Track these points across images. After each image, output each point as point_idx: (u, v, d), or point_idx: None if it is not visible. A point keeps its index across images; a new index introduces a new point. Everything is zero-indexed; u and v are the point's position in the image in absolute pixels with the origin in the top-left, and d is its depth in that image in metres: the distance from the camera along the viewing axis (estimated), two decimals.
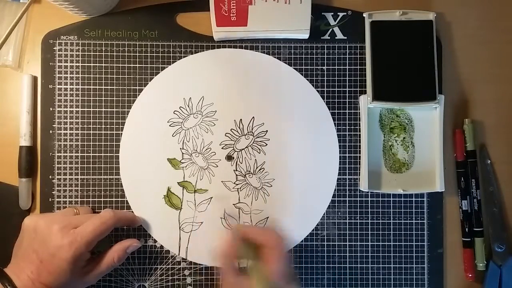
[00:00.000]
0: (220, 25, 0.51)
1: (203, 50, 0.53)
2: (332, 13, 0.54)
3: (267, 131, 0.53)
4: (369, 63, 0.51)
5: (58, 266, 0.44)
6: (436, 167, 0.52)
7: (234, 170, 0.53)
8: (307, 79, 0.53)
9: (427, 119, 0.53)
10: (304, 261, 0.52)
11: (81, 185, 0.52)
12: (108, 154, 0.52)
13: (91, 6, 0.50)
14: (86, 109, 0.52)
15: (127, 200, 0.52)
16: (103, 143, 0.52)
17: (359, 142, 0.53)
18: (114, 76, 0.53)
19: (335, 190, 0.53)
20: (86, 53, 0.52)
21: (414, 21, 0.52)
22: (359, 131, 0.53)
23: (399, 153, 0.53)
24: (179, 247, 0.52)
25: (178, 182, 0.52)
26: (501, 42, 0.54)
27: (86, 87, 0.52)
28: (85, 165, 0.52)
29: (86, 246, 0.45)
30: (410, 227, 0.53)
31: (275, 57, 0.53)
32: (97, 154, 0.52)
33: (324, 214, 0.53)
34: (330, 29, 0.54)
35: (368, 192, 0.53)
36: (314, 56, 0.53)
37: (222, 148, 0.53)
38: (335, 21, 0.54)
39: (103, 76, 0.52)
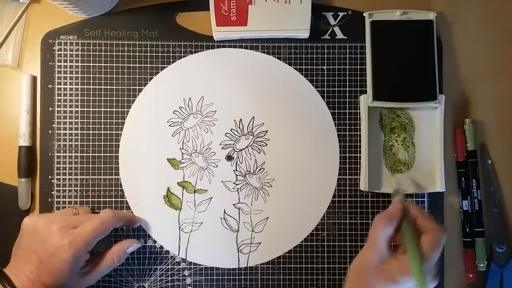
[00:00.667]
0: (220, 25, 0.51)
1: (203, 50, 0.53)
2: (332, 13, 0.53)
3: (267, 131, 0.53)
4: (369, 63, 0.51)
5: (57, 266, 0.44)
6: (437, 167, 0.52)
7: (234, 170, 0.52)
8: (307, 79, 0.53)
9: (428, 119, 0.53)
10: (304, 262, 0.52)
11: (81, 185, 0.52)
12: (108, 154, 0.52)
13: (91, 6, 0.50)
14: (86, 109, 0.52)
15: (126, 200, 0.52)
16: (102, 143, 0.52)
17: (359, 142, 0.53)
18: (114, 76, 0.52)
19: (335, 190, 0.53)
20: (85, 53, 0.52)
21: (415, 21, 0.52)
22: (359, 131, 0.53)
23: (399, 153, 0.53)
24: (179, 247, 0.52)
25: (178, 182, 0.52)
26: (502, 41, 0.54)
27: (85, 87, 0.52)
28: (85, 165, 0.52)
29: (86, 246, 0.45)
30: None
31: (275, 57, 0.53)
32: (96, 154, 0.52)
33: (324, 214, 0.53)
34: (330, 29, 0.53)
35: (368, 192, 0.52)
36: (314, 56, 0.53)
37: (222, 148, 0.53)
38: (335, 21, 0.54)
39: (103, 76, 0.52)
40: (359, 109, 0.53)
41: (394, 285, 0.42)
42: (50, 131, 0.52)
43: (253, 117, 0.53)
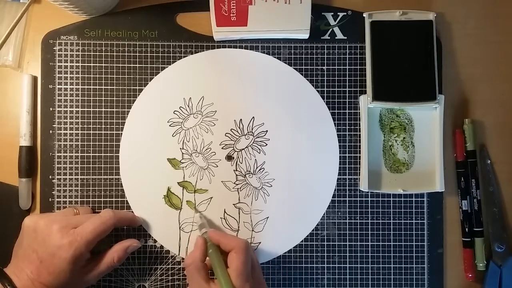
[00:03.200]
0: (220, 25, 0.51)
1: (203, 50, 0.53)
2: (332, 13, 0.54)
3: (267, 131, 0.53)
4: (369, 63, 0.51)
5: (58, 266, 0.44)
6: (436, 167, 0.52)
7: (234, 170, 0.53)
8: (307, 79, 0.53)
9: (427, 119, 0.53)
10: (304, 261, 0.52)
11: (81, 185, 0.52)
12: (108, 154, 0.52)
13: (91, 6, 0.50)
14: (86, 109, 0.52)
15: (127, 200, 0.52)
16: (103, 143, 0.52)
17: (359, 142, 0.53)
18: (114, 76, 0.53)
19: (335, 190, 0.53)
20: (86, 53, 0.52)
21: (414, 21, 0.52)
22: (359, 131, 0.53)
23: (399, 153, 0.53)
24: (179, 247, 0.52)
25: (178, 182, 0.52)
26: (501, 42, 0.54)
27: (86, 87, 0.52)
28: (85, 165, 0.52)
29: (86, 246, 0.45)
30: (410, 227, 0.53)
31: (275, 57, 0.53)
32: (97, 154, 0.52)
33: (324, 214, 0.53)
34: (330, 29, 0.54)
35: (368, 192, 0.53)
36: (314, 56, 0.53)
37: (222, 148, 0.53)
38: (335, 21, 0.54)
39: (103, 76, 0.52)
40: (359, 109, 0.53)
41: None
42: (50, 131, 0.52)
43: (253, 117, 0.53)
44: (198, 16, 0.53)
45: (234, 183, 0.53)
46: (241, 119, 0.53)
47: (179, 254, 0.52)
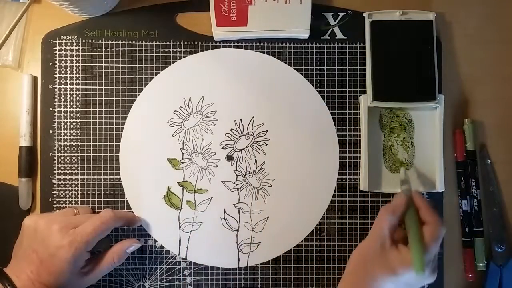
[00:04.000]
0: (220, 25, 0.51)
1: (203, 50, 0.53)
2: (332, 13, 0.54)
3: (267, 131, 0.53)
4: (369, 63, 0.51)
5: (58, 266, 0.44)
6: (436, 167, 0.52)
7: (234, 170, 0.53)
8: (307, 79, 0.53)
9: (427, 119, 0.53)
10: (304, 261, 0.52)
11: (81, 185, 0.52)
12: (108, 154, 0.52)
13: (91, 6, 0.50)
14: (86, 109, 0.52)
15: (127, 200, 0.52)
16: (103, 143, 0.52)
17: (359, 142, 0.53)
18: (114, 76, 0.53)
19: (335, 190, 0.53)
20: (86, 53, 0.52)
21: (414, 21, 0.52)
22: (359, 131, 0.53)
23: (399, 153, 0.53)
24: (179, 247, 0.52)
25: (178, 182, 0.52)
26: (501, 42, 0.55)
27: (86, 87, 0.52)
28: (85, 165, 0.52)
29: (86, 246, 0.45)
30: None
31: (275, 57, 0.53)
32: (97, 154, 0.52)
33: (324, 214, 0.53)
34: (330, 29, 0.54)
35: (368, 192, 0.53)
36: (314, 56, 0.53)
37: (222, 148, 0.53)
38: (335, 21, 0.54)
39: (103, 76, 0.52)
40: (359, 109, 0.53)
41: (394, 276, 0.42)
42: (50, 131, 0.52)
43: (253, 117, 0.53)
44: (198, 16, 0.53)
45: (234, 183, 0.53)
46: (241, 119, 0.53)
47: (179, 254, 0.52)
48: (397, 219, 0.45)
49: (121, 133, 0.52)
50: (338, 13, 0.54)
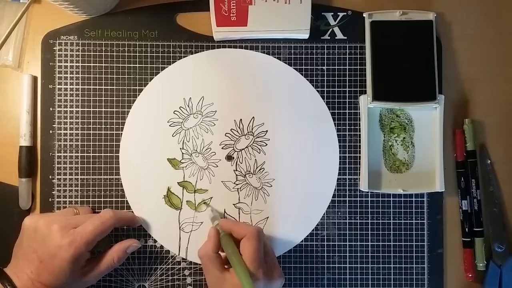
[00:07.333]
0: (220, 25, 0.51)
1: (203, 50, 0.53)
2: (332, 13, 0.54)
3: (267, 131, 0.53)
4: (369, 63, 0.51)
5: (58, 266, 0.44)
6: (436, 167, 0.52)
7: (234, 170, 0.53)
8: (307, 79, 0.53)
9: (427, 119, 0.53)
10: (304, 261, 0.52)
11: (81, 185, 0.52)
12: (108, 154, 0.52)
13: (91, 6, 0.50)
14: (86, 109, 0.52)
15: (127, 200, 0.52)
16: (103, 143, 0.52)
17: (359, 142, 0.53)
18: (114, 76, 0.53)
19: (335, 190, 0.53)
20: (86, 53, 0.52)
21: (414, 21, 0.52)
22: (359, 131, 0.53)
23: (399, 153, 0.53)
24: (179, 247, 0.52)
25: (178, 182, 0.52)
26: (501, 42, 0.55)
27: (86, 87, 0.52)
28: (85, 165, 0.52)
29: (86, 246, 0.45)
30: (410, 227, 0.53)
31: (275, 57, 0.53)
32: (97, 154, 0.52)
33: (324, 214, 0.53)
34: (330, 29, 0.54)
35: (368, 192, 0.53)
36: (314, 56, 0.53)
37: (222, 148, 0.53)
38: (335, 21, 0.54)
39: (103, 76, 0.52)
40: (359, 109, 0.53)
41: None
42: (50, 131, 0.52)
43: (253, 117, 0.53)
44: (198, 16, 0.53)
45: (234, 183, 0.53)
46: (241, 119, 0.53)
47: (179, 254, 0.52)
48: (215, 253, 0.47)
49: (121, 133, 0.52)
50: (338, 13, 0.54)
